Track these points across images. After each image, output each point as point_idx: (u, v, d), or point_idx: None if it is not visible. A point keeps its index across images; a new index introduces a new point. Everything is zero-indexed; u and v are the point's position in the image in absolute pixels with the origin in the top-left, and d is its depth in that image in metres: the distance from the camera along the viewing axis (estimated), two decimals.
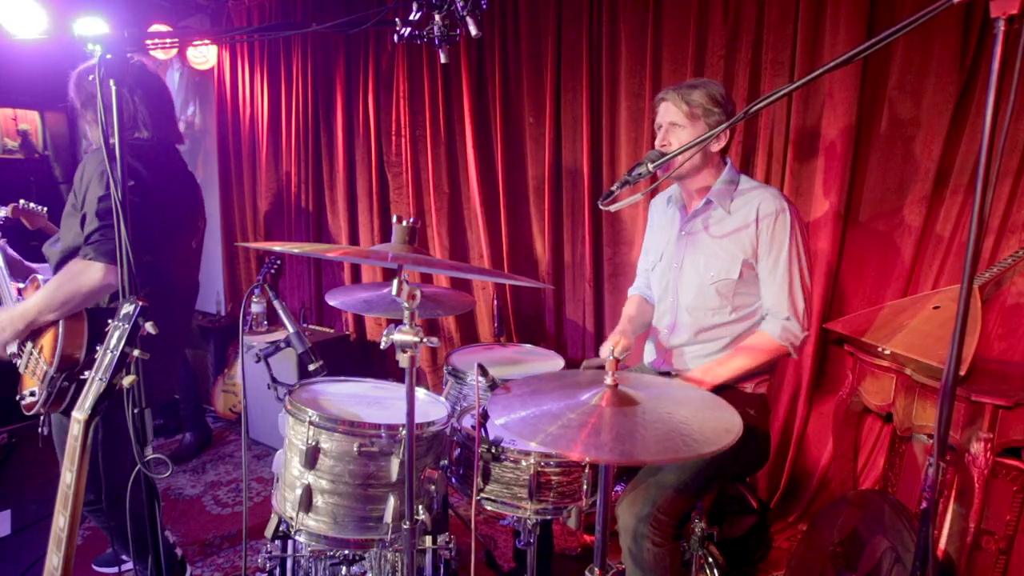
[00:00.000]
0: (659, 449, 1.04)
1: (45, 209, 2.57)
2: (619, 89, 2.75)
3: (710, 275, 1.75)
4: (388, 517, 1.48)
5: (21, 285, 1.97)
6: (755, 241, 1.71)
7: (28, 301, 1.76)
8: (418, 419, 1.50)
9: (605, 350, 1.75)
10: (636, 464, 1.66)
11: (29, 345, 1.81)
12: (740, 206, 1.74)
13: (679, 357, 1.87)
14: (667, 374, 1.90)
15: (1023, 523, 1.75)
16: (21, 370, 1.84)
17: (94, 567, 2.40)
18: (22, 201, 2.53)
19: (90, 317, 1.77)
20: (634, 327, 1.96)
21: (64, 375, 1.70)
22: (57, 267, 1.87)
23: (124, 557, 2.37)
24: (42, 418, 1.83)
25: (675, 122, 1.71)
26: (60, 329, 1.74)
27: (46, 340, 1.78)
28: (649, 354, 2.00)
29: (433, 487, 1.49)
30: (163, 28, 3.80)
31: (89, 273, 1.67)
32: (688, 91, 1.70)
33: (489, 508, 1.58)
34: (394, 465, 1.47)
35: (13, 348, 1.85)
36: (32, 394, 1.78)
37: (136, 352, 1.17)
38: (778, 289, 1.70)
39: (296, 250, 1.40)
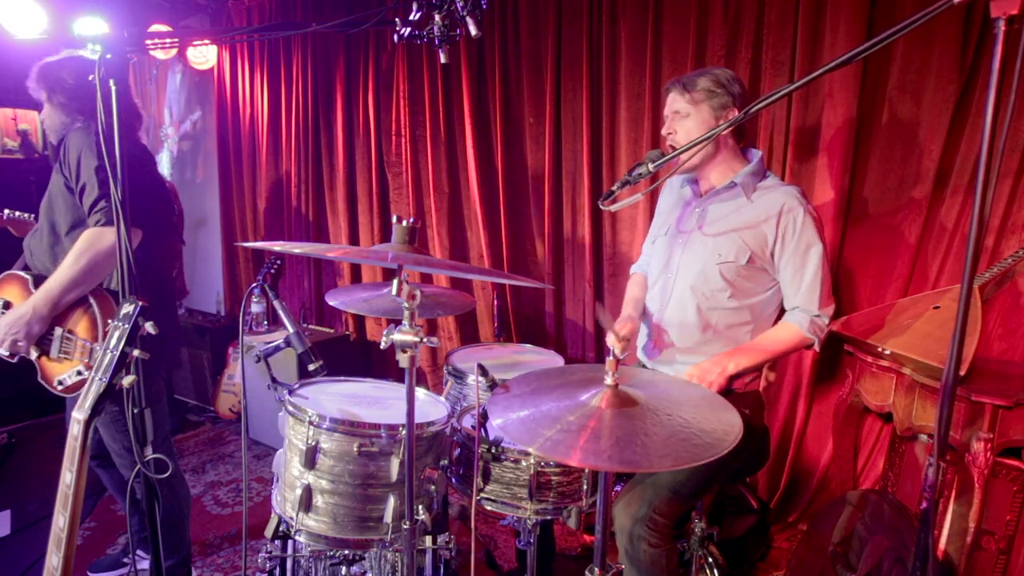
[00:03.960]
0: (659, 456, 1.03)
1: (32, 216, 2.56)
2: (619, 89, 2.75)
3: (718, 255, 1.73)
4: (388, 517, 1.48)
5: None
6: (773, 241, 1.70)
7: (47, 283, 1.77)
8: (418, 419, 1.50)
9: (611, 340, 1.75)
10: (636, 471, 1.66)
11: (58, 331, 1.83)
12: (762, 199, 1.73)
13: (667, 338, 1.83)
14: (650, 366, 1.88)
15: (1023, 523, 1.75)
16: (53, 355, 1.85)
17: (89, 573, 2.39)
18: (7, 211, 2.52)
19: (112, 292, 1.85)
20: (639, 311, 1.94)
21: None
22: (52, 256, 1.88)
23: (133, 556, 2.37)
24: None
25: (678, 110, 1.73)
26: (94, 306, 1.79)
27: (79, 323, 1.82)
28: (641, 338, 1.97)
29: (433, 487, 1.49)
30: (163, 28, 3.80)
31: (104, 238, 1.73)
32: (691, 79, 1.73)
33: (489, 508, 1.58)
34: (394, 465, 1.47)
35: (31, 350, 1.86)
36: (79, 372, 1.81)
37: (136, 352, 1.17)
38: (808, 289, 1.70)
39: (296, 250, 1.40)
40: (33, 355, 1.87)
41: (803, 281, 1.70)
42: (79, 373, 1.82)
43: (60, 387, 1.86)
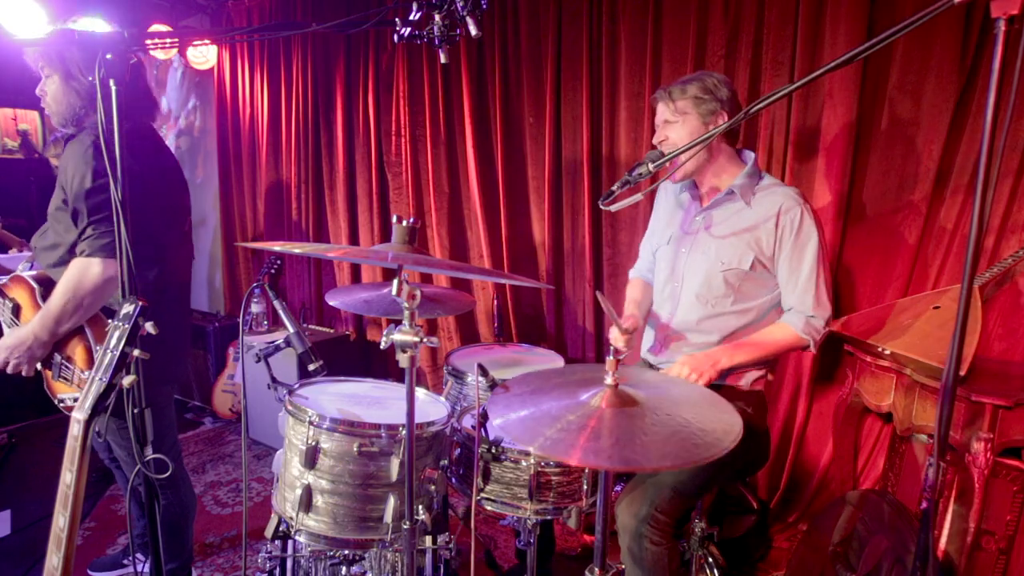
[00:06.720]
0: (659, 455, 1.03)
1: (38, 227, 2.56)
2: (619, 89, 2.75)
3: (721, 262, 1.74)
4: (388, 517, 1.48)
5: (3, 279, 1.93)
6: (773, 241, 1.71)
7: (44, 309, 1.73)
8: (418, 419, 1.50)
9: (614, 334, 1.75)
10: (635, 471, 1.66)
11: (57, 357, 1.80)
12: (761, 202, 1.74)
13: (676, 344, 1.85)
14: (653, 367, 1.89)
15: (1023, 523, 1.75)
16: (52, 379, 1.82)
17: (90, 572, 2.39)
18: None
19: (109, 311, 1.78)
20: (641, 312, 1.96)
21: None
22: (57, 264, 1.84)
23: (134, 559, 2.36)
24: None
25: (667, 119, 1.75)
26: (90, 339, 1.73)
27: (76, 350, 1.77)
28: (647, 341, 1.98)
29: (433, 487, 1.49)
30: (163, 28, 3.80)
31: (89, 271, 1.66)
32: (679, 88, 1.73)
33: (489, 508, 1.58)
34: (394, 465, 1.47)
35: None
36: (75, 400, 1.78)
37: (136, 352, 1.17)
38: (803, 288, 1.70)
39: (296, 250, 1.41)
40: (38, 366, 1.84)
41: (798, 281, 1.71)
42: (75, 400, 1.79)
43: (60, 404, 1.84)
